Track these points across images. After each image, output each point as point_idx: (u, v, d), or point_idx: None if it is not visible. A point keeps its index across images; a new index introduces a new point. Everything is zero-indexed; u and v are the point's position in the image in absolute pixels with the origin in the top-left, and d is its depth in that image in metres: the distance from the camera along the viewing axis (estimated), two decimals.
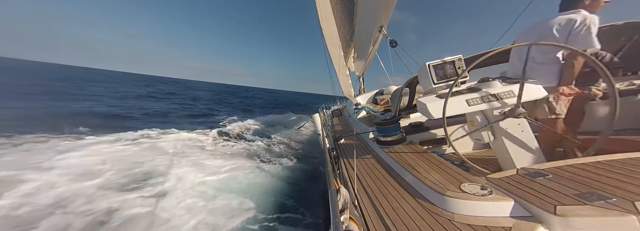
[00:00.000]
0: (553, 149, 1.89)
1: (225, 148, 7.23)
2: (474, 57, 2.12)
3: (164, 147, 6.24)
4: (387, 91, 6.67)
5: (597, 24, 1.55)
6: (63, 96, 15.63)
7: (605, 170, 1.17)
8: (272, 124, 12.94)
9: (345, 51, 7.18)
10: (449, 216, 1.16)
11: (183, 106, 17.67)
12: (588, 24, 1.54)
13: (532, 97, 1.61)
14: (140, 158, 5.23)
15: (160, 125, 8.84)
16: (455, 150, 1.60)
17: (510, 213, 1.08)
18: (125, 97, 18.57)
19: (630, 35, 2.34)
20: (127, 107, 13.34)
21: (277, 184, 4.86)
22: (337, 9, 6.18)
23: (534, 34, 1.80)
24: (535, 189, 1.13)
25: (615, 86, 1.32)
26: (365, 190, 1.62)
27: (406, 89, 2.77)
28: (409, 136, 2.53)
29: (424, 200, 1.36)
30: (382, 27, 4.75)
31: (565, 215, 0.90)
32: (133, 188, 3.98)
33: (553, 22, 1.69)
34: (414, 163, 1.76)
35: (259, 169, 5.48)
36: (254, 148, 7.50)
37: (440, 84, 1.78)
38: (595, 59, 1.35)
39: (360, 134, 3.20)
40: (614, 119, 1.30)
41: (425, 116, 1.72)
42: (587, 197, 0.97)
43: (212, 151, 6.60)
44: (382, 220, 1.25)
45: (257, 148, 7.60)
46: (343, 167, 2.16)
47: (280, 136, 9.88)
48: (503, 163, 1.78)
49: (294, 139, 9.87)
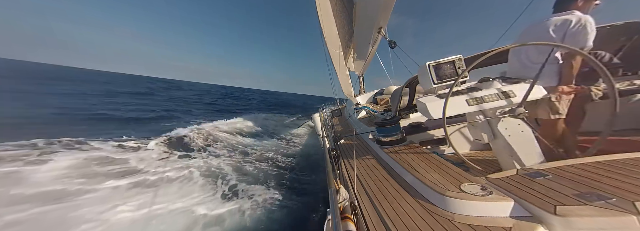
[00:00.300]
0: (553, 149, 1.89)
1: (171, 167, 4.86)
2: (474, 57, 2.12)
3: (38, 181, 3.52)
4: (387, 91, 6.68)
5: (593, 24, 1.57)
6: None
7: (605, 170, 1.17)
8: (255, 131, 10.56)
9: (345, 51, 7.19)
10: (449, 216, 1.16)
11: (139, 106, 14.55)
12: (583, 24, 1.57)
13: (533, 97, 1.62)
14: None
15: (77, 132, 5.98)
16: (455, 150, 1.60)
17: (510, 213, 1.08)
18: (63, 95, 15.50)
19: (630, 36, 2.34)
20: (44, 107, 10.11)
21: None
22: (337, 10, 6.19)
23: (531, 36, 1.82)
24: (535, 189, 1.12)
25: (615, 86, 1.32)
26: (365, 190, 1.62)
27: (406, 89, 2.77)
28: (409, 136, 2.53)
29: (424, 200, 1.36)
30: (380, 28, 4.76)
31: (565, 215, 0.90)
32: None
33: (549, 23, 1.72)
34: (414, 163, 1.76)
35: (213, 217, 3.37)
36: (215, 168, 5.21)
37: (440, 84, 1.78)
38: (594, 59, 1.35)
39: (360, 134, 3.20)
40: (614, 119, 1.30)
41: (425, 116, 1.72)
42: (587, 197, 0.97)
43: (141, 175, 4.32)
44: (382, 220, 1.25)
45: (219, 167, 5.28)
46: (343, 167, 2.16)
47: (261, 148, 7.57)
48: (503, 163, 1.78)
49: (281, 151, 7.44)
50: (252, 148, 7.43)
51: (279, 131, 11.28)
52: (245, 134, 9.72)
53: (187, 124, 9.50)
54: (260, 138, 9.32)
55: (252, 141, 8.65)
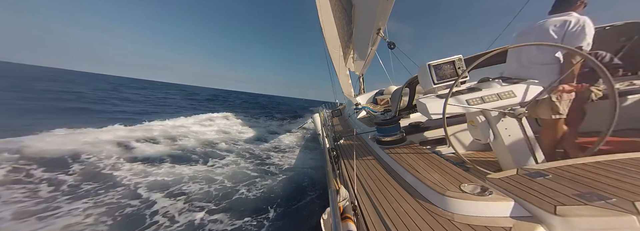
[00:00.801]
0: (553, 149, 1.89)
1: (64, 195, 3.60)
2: (474, 57, 2.12)
3: None
4: (387, 91, 6.68)
5: (591, 25, 1.59)
6: None
7: (605, 170, 1.17)
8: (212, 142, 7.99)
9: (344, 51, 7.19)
10: (449, 216, 1.16)
11: None
12: (582, 24, 1.59)
13: (532, 96, 1.62)
14: None
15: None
16: (455, 150, 1.60)
17: (510, 213, 1.08)
18: None
19: (630, 36, 2.34)
20: None
21: None
22: (336, 10, 6.20)
23: (531, 36, 1.82)
24: (535, 189, 1.12)
25: (615, 86, 1.32)
26: (365, 190, 1.62)
27: (406, 89, 2.78)
28: (409, 136, 2.53)
29: (424, 200, 1.36)
30: (379, 30, 4.76)
31: (565, 215, 0.90)
32: None
33: (548, 23, 1.73)
34: (414, 163, 1.76)
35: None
36: (135, 208, 3.60)
37: (440, 84, 1.78)
38: (594, 59, 1.36)
39: (360, 134, 3.20)
40: (614, 119, 1.30)
41: (425, 116, 1.72)
42: (587, 197, 0.97)
43: None
44: (382, 220, 1.25)
45: (138, 207, 3.63)
46: (343, 167, 2.16)
47: (223, 165, 5.80)
48: (503, 163, 1.78)
49: (256, 167, 5.81)
50: (211, 162, 6.05)
51: (253, 139, 9.33)
52: (206, 143, 7.72)
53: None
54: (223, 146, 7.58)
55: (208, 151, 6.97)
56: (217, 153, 6.99)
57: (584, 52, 1.44)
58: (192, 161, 6.00)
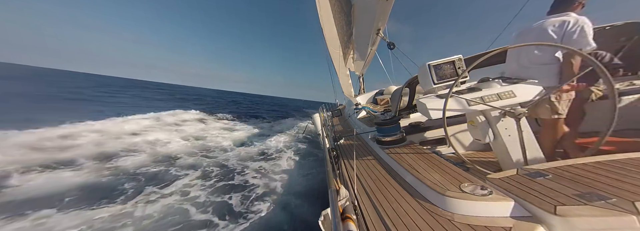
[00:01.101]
0: (553, 149, 1.89)
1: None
2: (473, 57, 2.12)
3: None
4: (387, 91, 6.68)
5: (590, 25, 1.59)
6: None
7: (605, 170, 1.17)
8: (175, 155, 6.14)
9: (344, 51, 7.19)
10: (449, 216, 1.16)
11: None
12: (581, 24, 1.59)
13: (531, 97, 1.62)
14: None
15: None
16: (455, 150, 1.60)
17: (510, 213, 1.08)
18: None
19: (630, 36, 2.34)
20: None
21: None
22: (336, 10, 6.19)
23: (531, 36, 1.82)
24: (535, 189, 1.12)
25: (615, 86, 1.32)
26: (365, 190, 1.62)
27: (406, 89, 2.77)
28: (409, 136, 2.53)
29: (424, 200, 1.36)
30: (379, 30, 4.75)
31: (565, 215, 0.90)
32: None
33: (547, 24, 1.73)
34: (414, 163, 1.76)
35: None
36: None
37: (440, 84, 1.78)
38: (594, 59, 1.36)
39: (360, 135, 3.20)
40: (614, 119, 1.30)
41: (425, 116, 1.72)
42: (587, 197, 0.97)
43: None
44: (382, 220, 1.25)
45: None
46: (343, 167, 2.16)
47: (158, 198, 3.85)
48: (503, 163, 1.78)
49: (214, 199, 4.03)
50: None
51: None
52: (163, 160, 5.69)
53: None
54: None
55: None
56: (170, 173, 5.01)
57: (583, 53, 1.44)
58: (111, 197, 3.81)
